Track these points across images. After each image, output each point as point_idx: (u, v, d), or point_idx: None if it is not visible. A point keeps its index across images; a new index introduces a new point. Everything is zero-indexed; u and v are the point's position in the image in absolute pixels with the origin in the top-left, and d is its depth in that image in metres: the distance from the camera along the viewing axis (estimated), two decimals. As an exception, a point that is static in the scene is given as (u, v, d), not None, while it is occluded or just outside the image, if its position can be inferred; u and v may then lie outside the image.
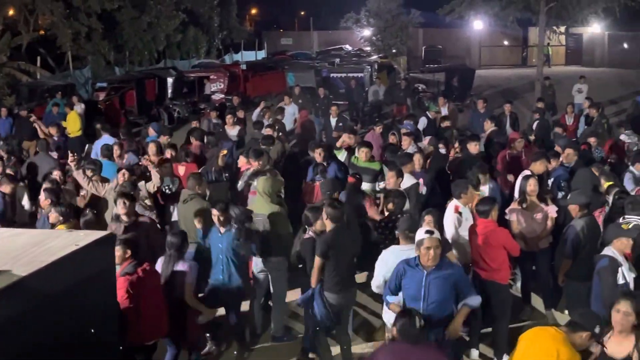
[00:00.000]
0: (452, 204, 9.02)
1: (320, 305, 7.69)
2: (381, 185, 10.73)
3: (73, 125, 18.51)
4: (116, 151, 12.07)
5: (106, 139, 14.08)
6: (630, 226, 7.47)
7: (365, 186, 10.92)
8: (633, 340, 5.69)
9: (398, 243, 7.83)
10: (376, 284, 7.40)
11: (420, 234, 6.51)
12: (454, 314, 6.62)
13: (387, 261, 7.29)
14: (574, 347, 5.32)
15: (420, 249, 6.45)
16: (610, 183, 9.77)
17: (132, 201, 8.80)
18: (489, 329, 8.42)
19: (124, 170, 10.40)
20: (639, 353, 5.66)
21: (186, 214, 9.40)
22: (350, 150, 12.36)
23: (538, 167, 10.28)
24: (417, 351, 5.49)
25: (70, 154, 10.20)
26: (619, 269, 6.93)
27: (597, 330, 5.31)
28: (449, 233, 8.77)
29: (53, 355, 4.55)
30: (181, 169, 11.42)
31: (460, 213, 8.81)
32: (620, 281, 6.91)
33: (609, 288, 6.90)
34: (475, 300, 6.69)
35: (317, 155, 11.35)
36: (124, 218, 8.66)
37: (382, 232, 8.96)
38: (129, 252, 7.18)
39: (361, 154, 11.36)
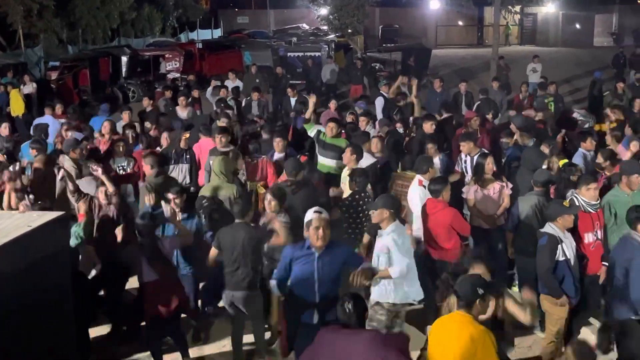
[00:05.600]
0: (417, 178, 9.10)
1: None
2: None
3: (16, 104, 18.25)
4: (64, 134, 11.74)
5: (47, 118, 13.91)
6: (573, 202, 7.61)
7: (331, 163, 10.87)
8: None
9: (360, 222, 7.92)
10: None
11: (309, 214, 6.48)
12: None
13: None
14: (479, 322, 5.41)
15: (309, 229, 6.40)
16: (565, 161, 9.91)
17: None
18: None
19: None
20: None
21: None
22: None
23: (465, 147, 10.37)
24: (348, 336, 5.35)
25: None
26: (559, 245, 7.06)
27: (480, 292, 5.37)
28: (415, 206, 8.86)
29: (8, 335, 4.50)
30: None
31: (424, 186, 8.87)
32: (561, 258, 7.05)
33: (543, 266, 7.07)
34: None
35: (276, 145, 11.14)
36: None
37: (346, 211, 8.99)
38: None
39: (327, 130, 11.29)
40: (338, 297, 6.18)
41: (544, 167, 9.40)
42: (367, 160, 10.28)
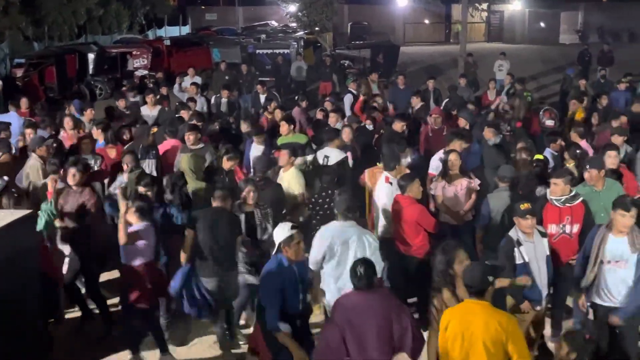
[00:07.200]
0: (383, 175, 9.14)
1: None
2: (308, 158, 10.73)
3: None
4: (30, 133, 11.67)
5: (12, 115, 13.76)
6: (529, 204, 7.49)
7: None
8: None
9: (329, 219, 7.96)
10: (313, 261, 7.35)
11: (287, 230, 6.49)
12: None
13: (324, 237, 7.34)
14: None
15: (290, 245, 6.45)
16: (539, 157, 9.97)
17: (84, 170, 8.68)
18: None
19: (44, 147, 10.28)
20: None
21: None
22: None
23: (455, 145, 10.37)
24: (364, 296, 5.82)
25: None
26: (515, 249, 7.05)
27: (491, 279, 5.51)
28: (382, 204, 8.92)
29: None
30: (111, 152, 11.18)
31: (391, 183, 8.93)
32: (518, 261, 7.04)
33: (502, 268, 7.09)
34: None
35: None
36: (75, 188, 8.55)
37: (313, 209, 9.02)
38: None
39: (281, 129, 11.36)
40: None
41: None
42: (337, 156, 10.34)
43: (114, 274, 9.46)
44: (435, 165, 10.31)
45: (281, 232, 6.51)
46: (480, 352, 5.29)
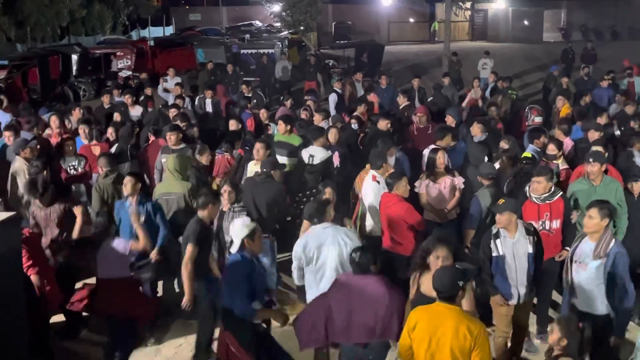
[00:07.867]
0: (370, 173, 9.16)
1: None
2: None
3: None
4: (9, 136, 11.55)
5: None
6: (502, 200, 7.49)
7: (283, 161, 10.84)
8: None
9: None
10: (294, 270, 7.36)
11: (249, 225, 6.54)
12: None
13: (298, 244, 7.30)
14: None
15: (254, 239, 6.46)
16: (527, 155, 10.02)
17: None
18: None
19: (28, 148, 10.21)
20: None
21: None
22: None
23: (445, 141, 10.46)
24: (359, 279, 6.18)
25: None
26: (491, 241, 7.08)
27: (460, 284, 5.40)
28: (369, 202, 8.94)
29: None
30: (95, 149, 11.14)
31: (378, 182, 8.95)
32: (494, 253, 7.08)
33: (479, 260, 7.19)
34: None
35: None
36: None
37: (298, 207, 9.04)
38: None
39: (278, 127, 11.32)
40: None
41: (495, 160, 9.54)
42: (321, 155, 10.34)
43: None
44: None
45: (242, 228, 6.46)
46: (446, 357, 5.24)
